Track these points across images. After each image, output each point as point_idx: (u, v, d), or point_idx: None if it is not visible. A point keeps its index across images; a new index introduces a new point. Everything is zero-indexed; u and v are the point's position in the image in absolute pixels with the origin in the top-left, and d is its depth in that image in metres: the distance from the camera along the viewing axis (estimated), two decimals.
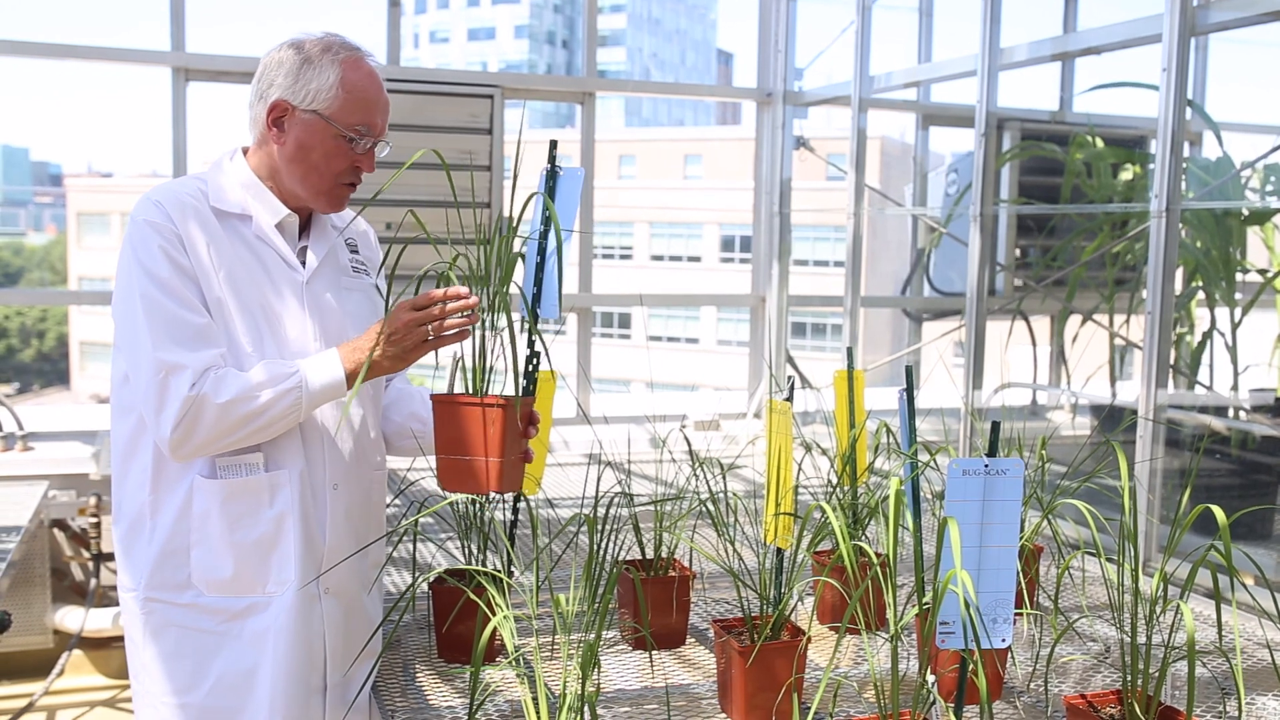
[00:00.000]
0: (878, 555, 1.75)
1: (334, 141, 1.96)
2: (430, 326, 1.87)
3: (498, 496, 2.04)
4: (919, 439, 2.15)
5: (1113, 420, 4.60)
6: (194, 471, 1.93)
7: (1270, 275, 4.67)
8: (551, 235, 1.96)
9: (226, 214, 1.98)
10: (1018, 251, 5.00)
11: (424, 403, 2.18)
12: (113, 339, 1.99)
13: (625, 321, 34.98)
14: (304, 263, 2.05)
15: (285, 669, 1.97)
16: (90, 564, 4.09)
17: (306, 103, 1.95)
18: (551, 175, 1.99)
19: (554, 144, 2.02)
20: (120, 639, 3.21)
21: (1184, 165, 3.32)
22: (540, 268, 1.98)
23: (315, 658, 2.03)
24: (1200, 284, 4.66)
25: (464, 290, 1.88)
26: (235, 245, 1.96)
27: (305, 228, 2.08)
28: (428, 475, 2.10)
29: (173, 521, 1.95)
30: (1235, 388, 4.60)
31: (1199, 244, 4.65)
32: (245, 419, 1.86)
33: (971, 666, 1.55)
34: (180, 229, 1.90)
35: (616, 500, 2.06)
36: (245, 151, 2.06)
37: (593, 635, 1.55)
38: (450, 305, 1.87)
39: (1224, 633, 2.26)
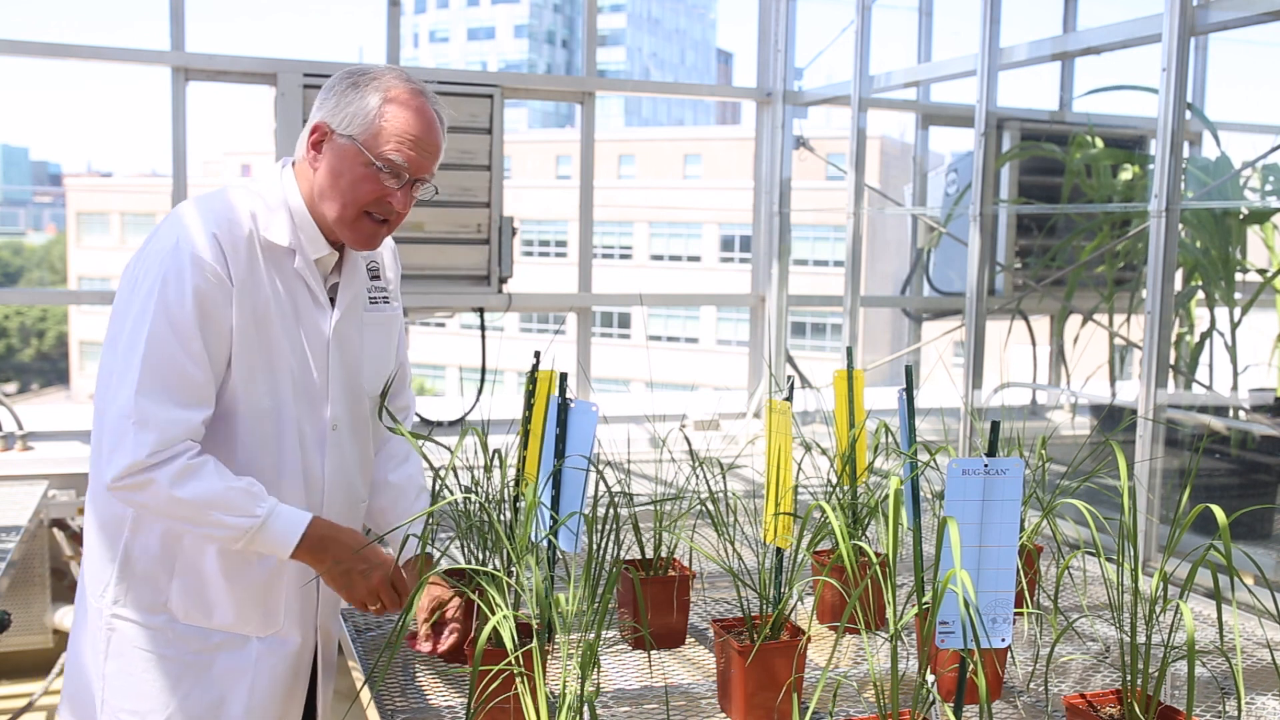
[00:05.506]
0: (877, 555, 1.75)
1: (364, 169, 1.88)
2: (370, 604, 1.93)
3: (498, 495, 2.04)
4: (919, 439, 2.15)
5: (1112, 420, 4.60)
6: None
7: (1270, 275, 4.67)
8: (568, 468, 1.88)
9: (274, 245, 1.91)
10: (1017, 251, 5.00)
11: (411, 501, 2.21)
12: (105, 337, 1.97)
13: (625, 321, 34.97)
14: (333, 300, 2.00)
15: (260, 705, 1.96)
16: None
17: (344, 127, 1.88)
18: (562, 408, 1.89)
19: (564, 376, 1.93)
20: None
21: (1183, 165, 3.32)
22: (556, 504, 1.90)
23: (298, 689, 2.04)
24: (1200, 284, 4.65)
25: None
26: (273, 280, 1.90)
27: (339, 261, 2.02)
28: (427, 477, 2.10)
29: (156, 547, 1.90)
30: (1235, 387, 4.60)
31: (1198, 244, 4.65)
32: (185, 519, 1.82)
33: (971, 666, 1.54)
34: (230, 269, 1.84)
35: (616, 500, 2.06)
36: (295, 165, 1.98)
37: (592, 635, 1.56)
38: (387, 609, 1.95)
39: (1224, 633, 2.25)
